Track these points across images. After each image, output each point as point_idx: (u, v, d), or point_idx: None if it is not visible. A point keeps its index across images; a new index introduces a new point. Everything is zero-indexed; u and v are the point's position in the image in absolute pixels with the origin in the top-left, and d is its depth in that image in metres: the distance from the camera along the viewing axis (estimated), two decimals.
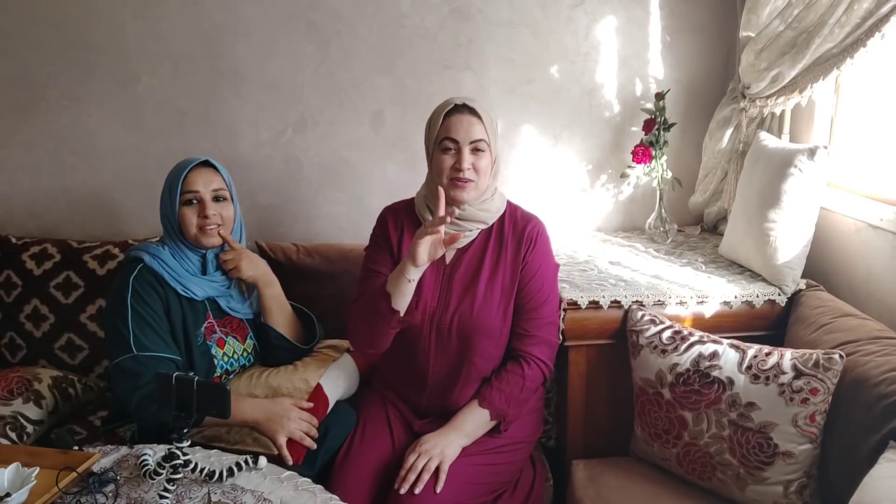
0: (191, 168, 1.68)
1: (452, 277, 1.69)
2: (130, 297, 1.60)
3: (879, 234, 1.82)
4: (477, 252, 1.71)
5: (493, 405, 1.65)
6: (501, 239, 1.71)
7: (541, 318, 1.70)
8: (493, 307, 1.66)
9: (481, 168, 1.63)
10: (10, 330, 2.18)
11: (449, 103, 1.65)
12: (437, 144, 1.64)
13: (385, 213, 1.79)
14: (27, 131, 2.32)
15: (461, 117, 1.62)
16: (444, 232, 1.52)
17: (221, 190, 1.70)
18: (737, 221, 2.05)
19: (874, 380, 1.42)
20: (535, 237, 1.70)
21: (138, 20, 2.24)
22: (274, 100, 2.33)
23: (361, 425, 1.74)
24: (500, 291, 1.67)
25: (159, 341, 1.60)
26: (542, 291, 1.69)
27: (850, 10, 1.63)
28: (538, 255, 1.69)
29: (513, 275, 1.68)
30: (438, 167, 1.64)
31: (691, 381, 1.63)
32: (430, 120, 1.69)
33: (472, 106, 1.63)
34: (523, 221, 1.73)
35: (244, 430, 1.60)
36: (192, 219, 1.67)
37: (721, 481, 1.61)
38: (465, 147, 1.61)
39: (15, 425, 1.83)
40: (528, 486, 1.78)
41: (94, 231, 2.38)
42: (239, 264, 1.73)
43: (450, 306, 1.67)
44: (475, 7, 2.29)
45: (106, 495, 1.30)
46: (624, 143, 2.41)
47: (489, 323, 1.66)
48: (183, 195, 1.66)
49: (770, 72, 1.92)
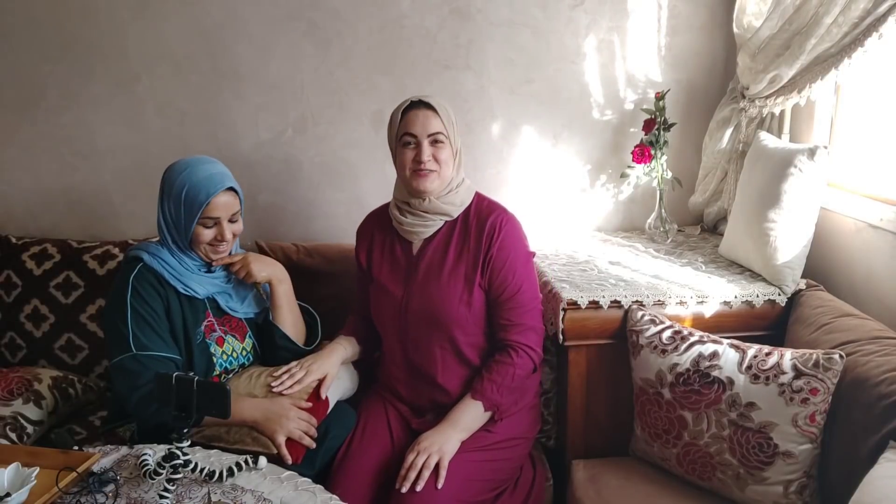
0: (215, 194, 1.64)
1: (418, 266, 1.75)
2: (130, 296, 1.60)
3: (879, 234, 1.82)
4: (441, 243, 1.75)
5: (486, 396, 1.67)
6: (466, 229, 1.75)
7: (520, 306, 1.71)
8: (456, 295, 1.69)
9: (442, 159, 1.69)
10: (10, 330, 2.18)
11: (406, 101, 1.72)
12: (398, 140, 1.71)
13: (357, 233, 1.90)
14: (27, 131, 2.32)
15: (417, 112, 1.69)
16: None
17: (237, 213, 1.70)
18: (737, 221, 2.05)
19: (874, 380, 1.42)
20: (497, 227, 1.72)
21: (138, 20, 2.24)
22: (274, 100, 2.33)
23: (361, 425, 1.75)
24: (462, 279, 1.71)
25: (159, 341, 1.60)
26: (514, 280, 1.71)
27: (847, 10, 1.63)
28: (504, 245, 1.71)
29: (474, 263, 1.71)
30: (401, 161, 1.71)
31: (691, 381, 1.63)
32: (390, 119, 1.75)
33: (427, 101, 1.70)
34: (487, 212, 1.76)
35: (243, 429, 1.60)
36: (206, 237, 1.67)
37: (721, 481, 1.61)
38: (424, 140, 1.68)
39: (15, 426, 1.83)
40: (528, 486, 1.78)
41: (94, 231, 2.38)
42: (249, 269, 1.73)
43: (413, 295, 1.72)
44: (475, 7, 2.29)
45: (106, 495, 1.30)
46: (624, 143, 2.41)
47: (453, 309, 1.69)
48: (203, 219, 1.64)
49: (767, 73, 1.93)
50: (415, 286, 1.73)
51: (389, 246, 1.81)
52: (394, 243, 1.80)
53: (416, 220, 1.74)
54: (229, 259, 1.75)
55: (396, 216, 1.77)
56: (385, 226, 1.83)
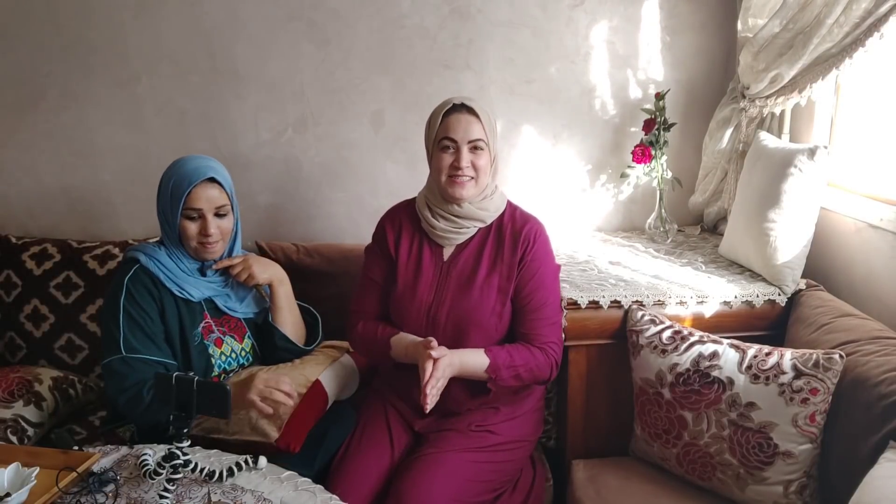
0: (196, 184, 1.64)
1: (449, 274, 1.71)
2: (124, 298, 1.60)
3: (879, 234, 1.82)
4: (475, 249, 1.72)
5: (495, 356, 1.63)
6: (500, 237, 1.72)
7: (543, 319, 1.70)
8: (490, 304, 1.67)
9: (480, 166, 1.66)
10: (10, 330, 2.18)
11: (448, 103, 1.67)
12: (437, 143, 1.67)
13: (382, 220, 1.83)
14: (27, 131, 2.32)
15: (459, 116, 1.65)
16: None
17: (224, 206, 1.68)
18: (737, 221, 2.05)
19: (874, 380, 1.42)
20: (532, 238, 1.70)
21: (138, 20, 2.24)
22: (274, 100, 2.33)
23: (361, 425, 1.75)
24: (496, 289, 1.68)
25: (150, 344, 1.60)
26: (541, 293, 1.69)
27: (849, 10, 1.63)
28: (537, 256, 1.70)
29: (509, 273, 1.69)
30: (438, 165, 1.67)
31: (691, 381, 1.63)
32: (429, 120, 1.71)
33: (470, 105, 1.66)
34: (522, 221, 1.74)
35: (242, 420, 1.59)
36: (192, 232, 1.66)
37: (721, 481, 1.61)
38: (464, 146, 1.64)
39: (16, 428, 1.83)
40: (528, 486, 1.78)
41: (94, 231, 2.38)
42: (251, 271, 1.73)
43: (445, 302, 1.68)
44: (475, 7, 2.29)
45: (106, 495, 1.30)
46: (624, 143, 2.41)
47: (485, 319, 1.67)
48: (185, 210, 1.65)
49: (769, 73, 1.92)
50: (446, 294, 1.69)
51: (418, 245, 1.75)
52: (423, 244, 1.75)
53: (449, 225, 1.70)
54: (229, 262, 1.74)
55: (428, 218, 1.72)
56: (414, 222, 1.77)
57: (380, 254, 1.79)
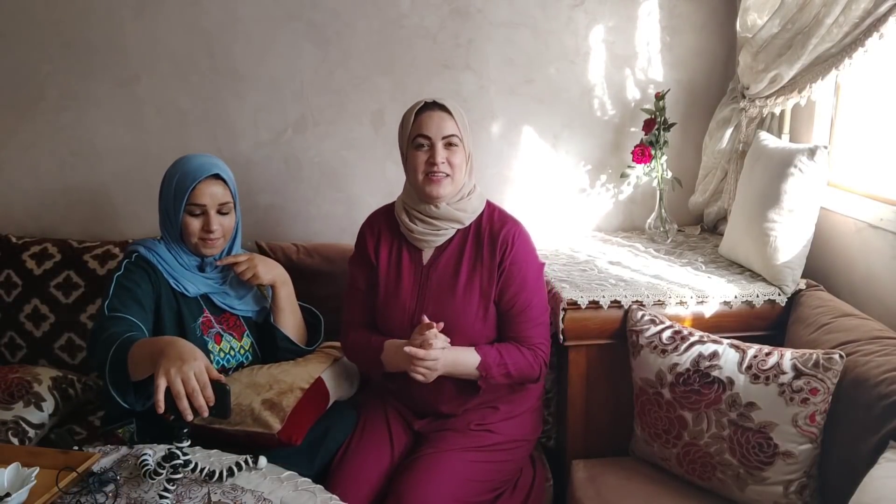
0: (200, 180, 1.65)
1: (430, 277, 1.70)
2: (120, 274, 1.61)
3: (879, 234, 1.82)
4: (454, 252, 1.71)
5: (485, 354, 1.63)
6: (479, 240, 1.71)
7: (530, 321, 1.69)
8: (473, 308, 1.67)
9: (455, 163, 1.65)
10: (10, 330, 2.18)
11: (419, 102, 1.68)
12: (411, 142, 1.67)
13: (362, 227, 1.82)
14: (27, 131, 2.32)
15: (432, 114, 1.65)
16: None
17: (227, 204, 1.69)
18: (737, 221, 2.05)
19: (874, 380, 1.42)
20: (510, 241, 1.69)
21: (137, 20, 2.24)
22: (274, 100, 2.33)
23: (361, 425, 1.75)
24: (479, 292, 1.68)
25: (134, 306, 1.55)
26: (524, 295, 1.68)
27: (848, 10, 1.63)
28: (517, 259, 1.68)
29: (490, 276, 1.68)
30: (413, 165, 1.66)
31: (691, 381, 1.63)
32: (402, 121, 1.71)
33: (441, 103, 1.66)
34: (500, 224, 1.72)
35: (245, 411, 1.58)
36: (194, 228, 1.67)
37: (721, 481, 1.61)
38: (438, 142, 1.64)
39: (17, 430, 1.83)
40: (527, 486, 1.78)
41: (94, 231, 2.38)
42: (256, 271, 1.73)
43: (428, 307, 1.67)
44: (475, 7, 2.29)
45: (106, 495, 1.30)
46: (624, 143, 2.41)
47: (469, 323, 1.66)
48: (188, 206, 1.65)
49: (768, 73, 1.93)
50: (427, 298, 1.69)
51: (397, 250, 1.75)
52: (402, 248, 1.75)
53: (426, 227, 1.69)
54: (234, 259, 1.74)
55: (405, 222, 1.71)
56: (393, 227, 1.77)
57: (361, 262, 1.78)
